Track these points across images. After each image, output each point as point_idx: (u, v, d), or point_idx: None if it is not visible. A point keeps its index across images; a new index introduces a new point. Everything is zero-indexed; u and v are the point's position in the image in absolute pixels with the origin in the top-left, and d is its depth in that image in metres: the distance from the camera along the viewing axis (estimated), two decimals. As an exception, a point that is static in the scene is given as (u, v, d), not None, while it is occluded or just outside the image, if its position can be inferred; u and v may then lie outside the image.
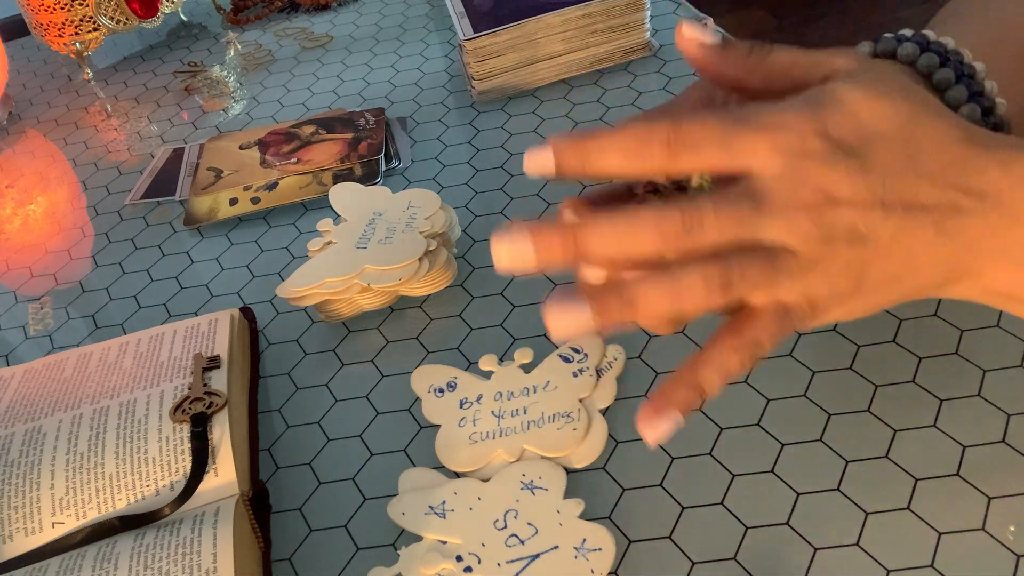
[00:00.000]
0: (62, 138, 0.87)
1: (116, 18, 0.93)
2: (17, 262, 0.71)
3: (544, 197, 0.65)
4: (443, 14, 0.95)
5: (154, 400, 0.49)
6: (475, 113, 0.76)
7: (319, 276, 0.55)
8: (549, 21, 0.74)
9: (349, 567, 0.43)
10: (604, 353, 0.50)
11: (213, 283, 0.64)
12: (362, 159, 0.71)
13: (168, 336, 0.54)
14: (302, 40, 0.96)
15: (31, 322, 0.64)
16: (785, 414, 0.46)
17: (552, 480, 0.44)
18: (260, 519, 0.45)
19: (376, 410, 0.51)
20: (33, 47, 1.07)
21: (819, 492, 0.42)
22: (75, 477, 0.45)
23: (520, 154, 0.70)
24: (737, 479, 0.43)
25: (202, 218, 0.69)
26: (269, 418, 0.52)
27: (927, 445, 0.43)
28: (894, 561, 0.39)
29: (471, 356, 0.53)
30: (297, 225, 0.68)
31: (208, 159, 0.76)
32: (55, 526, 0.44)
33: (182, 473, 0.45)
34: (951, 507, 0.40)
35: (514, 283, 0.58)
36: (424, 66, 0.85)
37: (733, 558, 0.40)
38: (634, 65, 0.77)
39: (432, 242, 0.56)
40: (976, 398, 0.45)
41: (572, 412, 0.47)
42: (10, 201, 0.79)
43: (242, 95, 0.87)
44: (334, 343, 0.56)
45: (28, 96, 0.97)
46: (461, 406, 0.49)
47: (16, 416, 0.50)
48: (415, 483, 0.46)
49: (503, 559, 0.41)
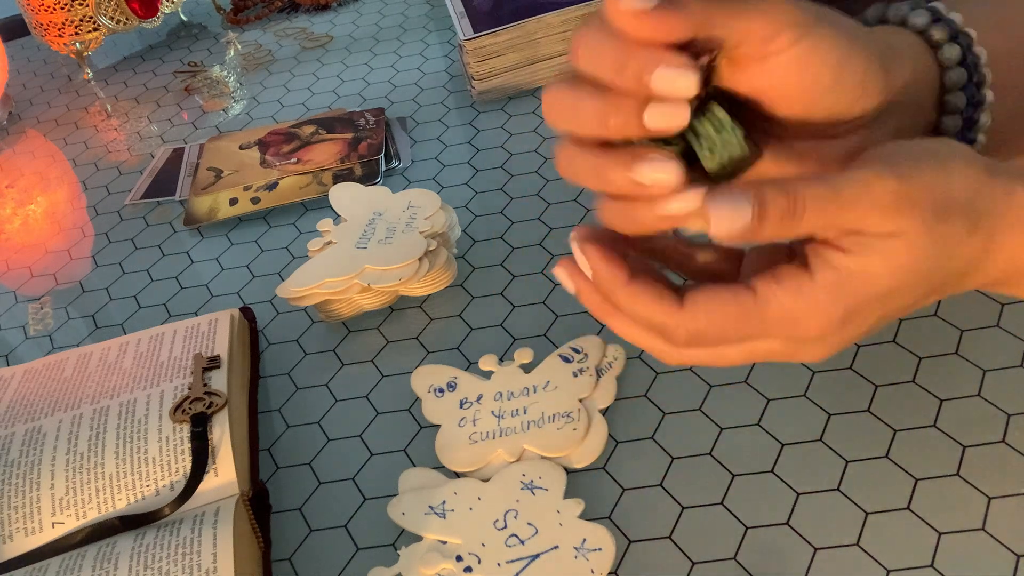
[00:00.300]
0: (62, 138, 0.87)
1: (116, 18, 0.93)
2: (17, 262, 0.71)
3: (544, 197, 0.65)
4: (443, 14, 0.95)
5: (154, 400, 0.49)
6: (475, 113, 0.76)
7: (319, 276, 0.55)
8: (549, 21, 0.74)
9: (349, 567, 0.43)
10: (604, 353, 0.50)
11: (213, 283, 0.64)
12: (362, 159, 0.71)
13: (168, 336, 0.54)
14: (302, 40, 0.96)
15: (31, 322, 0.64)
16: (785, 414, 0.46)
17: (552, 480, 0.44)
18: (260, 519, 0.45)
19: (376, 410, 0.51)
20: (33, 47, 1.07)
21: (819, 492, 0.42)
22: (75, 477, 0.45)
23: (520, 154, 0.70)
24: (737, 479, 0.43)
25: (202, 218, 0.69)
26: (269, 418, 0.52)
27: (927, 445, 0.43)
28: (894, 561, 0.39)
29: (471, 356, 0.53)
30: (297, 225, 0.68)
31: (208, 159, 0.76)
32: (55, 526, 0.44)
33: (182, 473, 0.45)
34: (951, 507, 0.40)
35: (514, 283, 0.58)
36: (424, 66, 0.85)
37: (733, 558, 0.40)
38: (634, 65, 0.77)
39: (432, 242, 0.56)
40: (976, 398, 0.45)
41: (572, 412, 0.47)
42: (10, 201, 0.79)
43: (242, 95, 0.87)
44: (334, 343, 0.56)
45: (28, 96, 0.97)
46: (461, 406, 0.49)
47: (16, 416, 0.50)
48: (415, 483, 0.46)
49: (503, 559, 0.41)
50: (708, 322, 0.30)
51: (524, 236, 0.62)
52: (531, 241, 0.61)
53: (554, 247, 0.60)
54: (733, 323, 0.30)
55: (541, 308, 0.55)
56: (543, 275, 0.58)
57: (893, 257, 0.28)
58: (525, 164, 0.69)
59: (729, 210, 0.28)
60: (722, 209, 0.28)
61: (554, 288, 0.57)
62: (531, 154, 0.70)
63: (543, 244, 0.60)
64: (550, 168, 0.68)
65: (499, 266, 0.59)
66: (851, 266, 0.28)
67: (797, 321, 0.29)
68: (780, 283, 0.29)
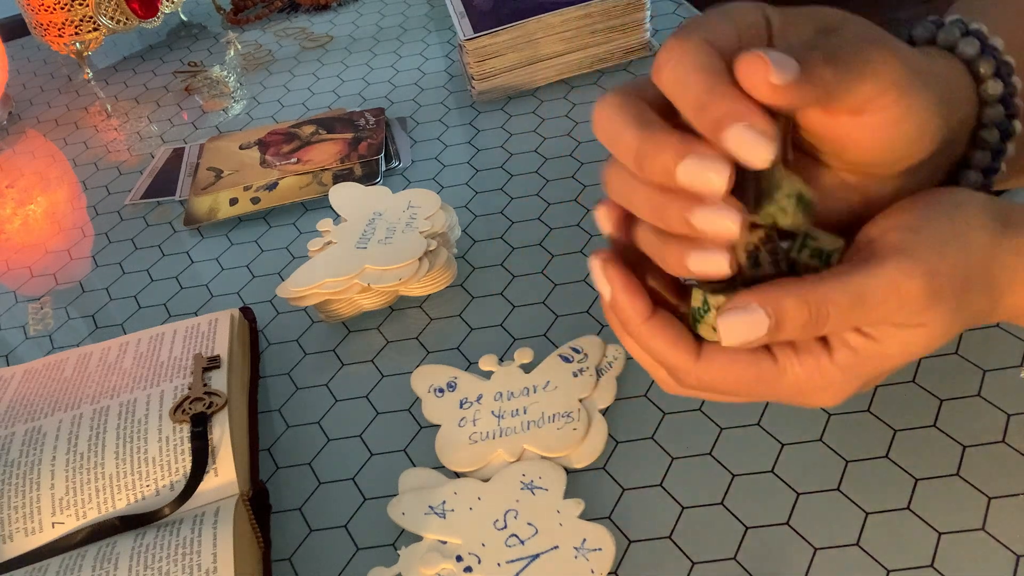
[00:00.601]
0: (62, 138, 0.87)
1: (116, 18, 0.93)
2: (17, 262, 0.71)
3: (544, 197, 0.65)
4: (443, 14, 0.95)
5: (154, 400, 0.49)
6: (475, 113, 0.76)
7: (319, 276, 0.55)
8: (549, 21, 0.74)
9: (349, 567, 0.43)
10: (604, 353, 0.50)
11: (213, 283, 0.64)
12: (362, 159, 0.71)
13: (168, 336, 0.54)
14: (302, 40, 0.96)
15: (31, 322, 0.64)
16: (785, 414, 0.46)
17: (552, 480, 0.44)
18: (260, 519, 0.45)
19: (376, 410, 0.51)
20: (33, 47, 1.07)
21: (819, 492, 0.42)
22: (75, 477, 0.45)
23: (520, 154, 0.70)
24: (737, 479, 0.43)
25: (202, 218, 0.69)
26: (269, 418, 0.52)
27: (927, 445, 0.43)
28: (894, 561, 0.39)
29: (471, 356, 0.53)
30: (297, 225, 0.68)
31: (208, 159, 0.76)
32: (55, 526, 0.44)
33: (182, 473, 0.45)
34: (951, 507, 0.40)
35: (514, 283, 0.58)
36: (424, 66, 0.85)
37: (733, 558, 0.40)
38: (634, 65, 0.77)
39: (432, 242, 0.56)
40: (976, 398, 0.45)
41: (572, 412, 0.47)
42: (10, 201, 0.79)
43: (242, 95, 0.87)
44: (334, 343, 0.56)
45: (28, 96, 0.97)
46: (461, 406, 0.49)
47: (16, 416, 0.50)
48: (415, 483, 0.46)
49: (503, 559, 0.41)
50: (722, 378, 0.30)
51: (524, 236, 0.62)
52: (531, 241, 0.61)
53: (554, 247, 0.60)
54: (746, 385, 0.30)
55: (541, 308, 0.55)
56: (543, 275, 0.58)
57: (912, 344, 0.29)
58: (525, 164, 0.69)
59: (745, 324, 0.28)
60: (736, 322, 0.28)
61: (554, 288, 0.57)
62: (531, 154, 0.70)
63: (543, 244, 0.60)
64: (550, 168, 0.68)
65: (499, 266, 0.59)
66: (870, 350, 0.29)
67: (809, 393, 0.30)
68: (799, 357, 0.29)
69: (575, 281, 0.57)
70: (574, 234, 0.61)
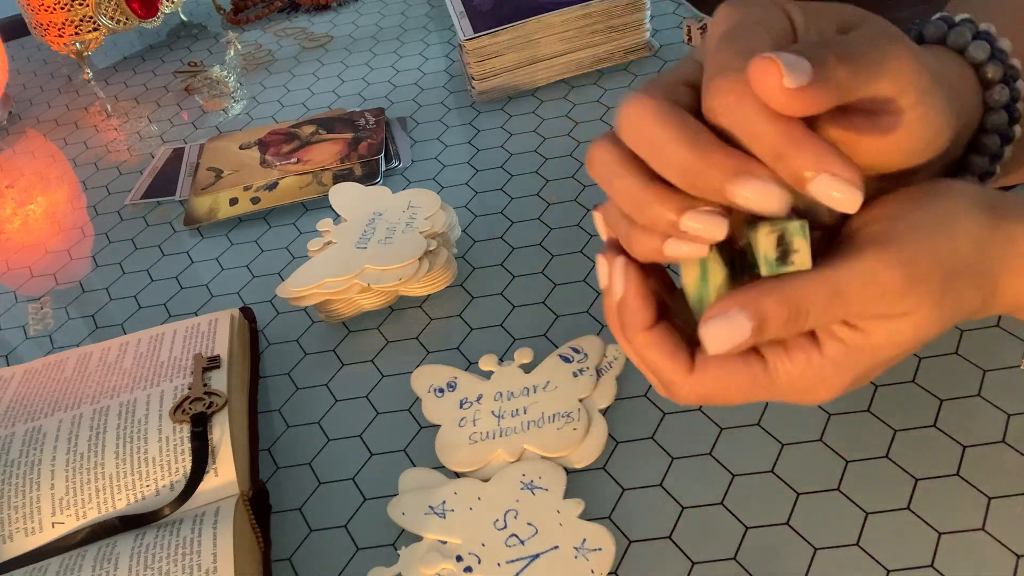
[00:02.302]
0: (62, 138, 0.87)
1: (116, 18, 0.93)
2: (17, 262, 0.71)
3: (544, 197, 0.65)
4: (443, 14, 0.95)
5: (154, 400, 0.49)
6: (475, 113, 0.76)
7: (319, 276, 0.55)
8: (549, 21, 0.74)
9: (349, 567, 0.43)
10: (604, 353, 0.50)
11: (213, 283, 0.64)
12: (362, 159, 0.71)
13: (168, 336, 0.54)
14: (302, 40, 0.96)
15: (31, 322, 0.64)
16: (785, 414, 0.46)
17: (552, 480, 0.44)
18: (260, 519, 0.45)
19: (376, 410, 0.51)
20: (33, 47, 1.07)
21: (819, 492, 0.42)
22: (75, 477, 0.45)
23: (520, 154, 0.70)
24: (737, 479, 0.43)
25: (202, 218, 0.69)
26: (269, 418, 0.52)
27: (927, 445, 0.43)
28: (894, 561, 0.39)
29: (471, 356, 0.53)
30: (297, 225, 0.68)
31: (208, 159, 0.76)
32: (55, 526, 0.44)
33: (182, 473, 0.45)
34: (951, 507, 0.40)
35: (514, 283, 0.58)
36: (424, 66, 0.85)
37: (733, 558, 0.40)
38: (634, 65, 0.77)
39: (432, 242, 0.56)
40: (976, 398, 0.45)
41: (572, 412, 0.47)
42: (10, 201, 0.79)
43: (242, 95, 0.87)
44: (334, 343, 0.56)
45: (28, 96, 0.97)
46: (461, 406, 0.49)
47: (16, 416, 0.50)
48: (415, 483, 0.46)
49: (503, 559, 0.41)
50: (715, 389, 0.30)
51: (524, 236, 0.62)
52: (531, 241, 0.61)
53: (554, 247, 0.60)
54: (741, 390, 0.30)
55: (541, 308, 0.55)
56: (543, 275, 0.58)
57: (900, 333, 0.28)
58: (525, 164, 0.69)
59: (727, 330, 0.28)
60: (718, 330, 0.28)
61: (554, 288, 0.57)
62: (531, 154, 0.70)
63: (543, 244, 0.60)
64: (550, 168, 0.68)
65: (499, 266, 0.59)
66: (859, 341, 0.29)
67: (805, 390, 0.30)
68: (789, 354, 0.29)
69: (575, 281, 0.57)
70: (574, 234, 0.61)
